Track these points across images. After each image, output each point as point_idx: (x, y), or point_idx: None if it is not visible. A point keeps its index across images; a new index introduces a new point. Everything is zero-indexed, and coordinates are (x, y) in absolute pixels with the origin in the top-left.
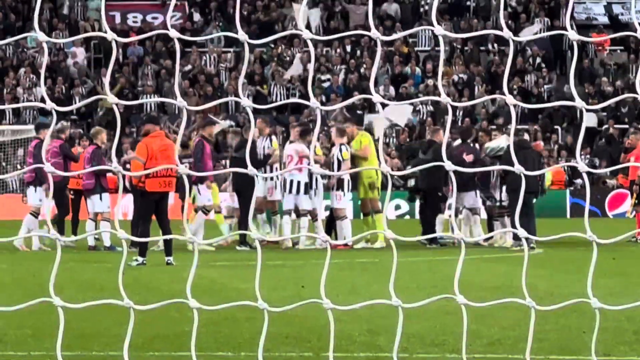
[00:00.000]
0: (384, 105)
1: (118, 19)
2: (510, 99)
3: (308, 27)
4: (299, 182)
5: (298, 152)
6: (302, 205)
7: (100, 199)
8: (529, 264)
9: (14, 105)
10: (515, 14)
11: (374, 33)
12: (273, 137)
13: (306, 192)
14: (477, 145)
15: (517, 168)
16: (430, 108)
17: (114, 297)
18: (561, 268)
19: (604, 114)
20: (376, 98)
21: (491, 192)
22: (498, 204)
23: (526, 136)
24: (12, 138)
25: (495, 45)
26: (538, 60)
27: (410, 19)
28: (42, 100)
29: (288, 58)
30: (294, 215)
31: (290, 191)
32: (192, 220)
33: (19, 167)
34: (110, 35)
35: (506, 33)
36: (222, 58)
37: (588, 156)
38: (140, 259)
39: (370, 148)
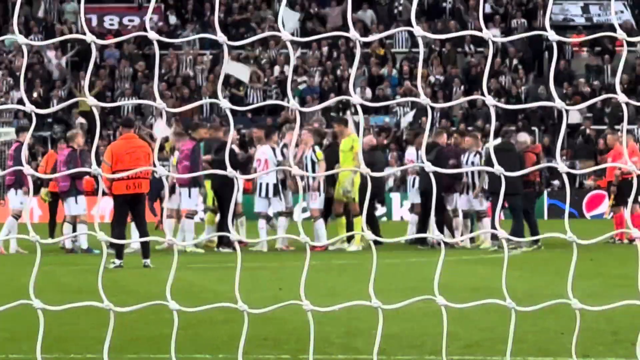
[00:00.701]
0: (363, 107)
1: (94, 22)
2: (489, 100)
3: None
4: (267, 185)
5: (265, 154)
6: (275, 207)
7: (76, 201)
8: (508, 266)
9: None
10: (491, 16)
11: (353, 34)
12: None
13: (275, 194)
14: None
15: (497, 169)
16: (408, 110)
17: (93, 299)
18: (540, 269)
19: (589, 115)
20: (356, 99)
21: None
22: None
23: (526, 138)
24: None
25: (472, 46)
26: (515, 61)
27: (385, 21)
28: (21, 103)
29: (264, 60)
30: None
31: (260, 194)
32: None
33: None
34: (89, 37)
35: (486, 34)
36: (198, 60)
37: (564, 157)
38: (118, 262)
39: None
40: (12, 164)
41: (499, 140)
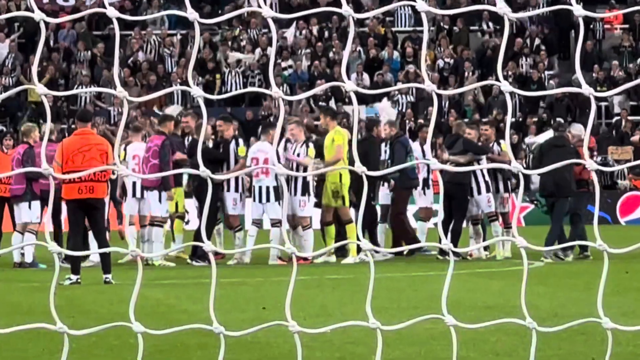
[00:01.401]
0: (358, 95)
1: None
2: (505, 86)
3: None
4: (267, 188)
5: (264, 152)
6: (270, 214)
7: (30, 207)
8: (529, 280)
9: None
10: None
11: (345, 9)
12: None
13: (277, 198)
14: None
15: (514, 166)
16: (411, 98)
17: (44, 321)
18: (566, 284)
19: (631, 103)
20: (349, 85)
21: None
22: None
23: (581, 130)
24: None
25: (490, 23)
26: (537, 42)
27: None
28: None
29: (244, 42)
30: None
31: (255, 199)
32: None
33: None
34: (38, 15)
35: (500, 9)
36: (166, 42)
37: (596, 153)
38: (74, 277)
39: (344, 149)
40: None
41: (550, 134)
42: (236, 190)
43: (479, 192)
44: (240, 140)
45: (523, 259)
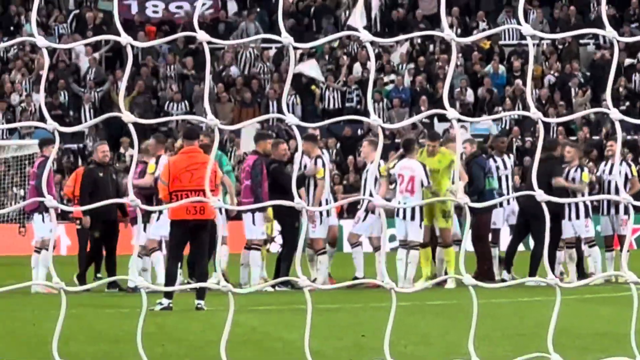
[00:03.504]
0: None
1: (135, 9)
2: (615, 114)
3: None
4: (412, 208)
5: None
6: (410, 235)
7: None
8: None
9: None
10: (621, 2)
11: (448, 33)
12: (319, 160)
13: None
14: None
15: (624, 197)
16: (515, 115)
17: (131, 350)
18: None
19: None
20: (451, 114)
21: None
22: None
23: None
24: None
25: (600, 37)
26: None
27: (492, 6)
28: (42, 116)
29: (344, 56)
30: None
31: (399, 215)
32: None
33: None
34: (124, 39)
35: (609, 32)
36: (264, 56)
37: None
38: (166, 302)
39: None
40: (35, 184)
41: None
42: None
43: (577, 217)
44: (320, 161)
45: (633, 294)
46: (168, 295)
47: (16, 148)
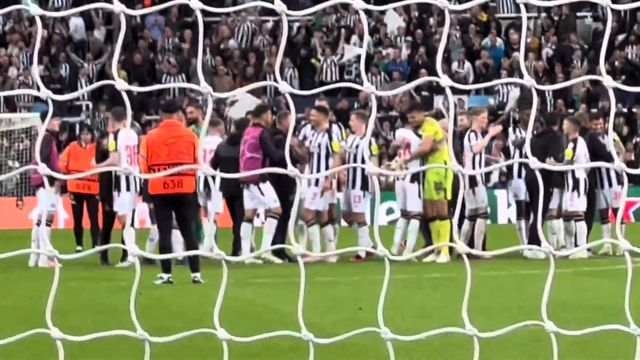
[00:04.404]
0: (453, 89)
1: None
2: (608, 81)
3: None
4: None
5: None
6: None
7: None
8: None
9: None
10: None
11: (440, 0)
12: (333, 134)
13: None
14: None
15: (618, 165)
16: (512, 86)
17: (128, 321)
18: None
19: None
20: (445, 81)
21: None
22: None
23: None
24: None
25: (599, 9)
26: None
27: None
28: (39, 87)
29: (341, 29)
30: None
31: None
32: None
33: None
34: (118, 7)
35: (603, 0)
36: (263, 28)
37: None
38: (165, 276)
39: (436, 140)
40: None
41: None
42: (316, 184)
43: (568, 190)
44: (334, 134)
45: (627, 262)
46: (166, 269)
47: (13, 122)
